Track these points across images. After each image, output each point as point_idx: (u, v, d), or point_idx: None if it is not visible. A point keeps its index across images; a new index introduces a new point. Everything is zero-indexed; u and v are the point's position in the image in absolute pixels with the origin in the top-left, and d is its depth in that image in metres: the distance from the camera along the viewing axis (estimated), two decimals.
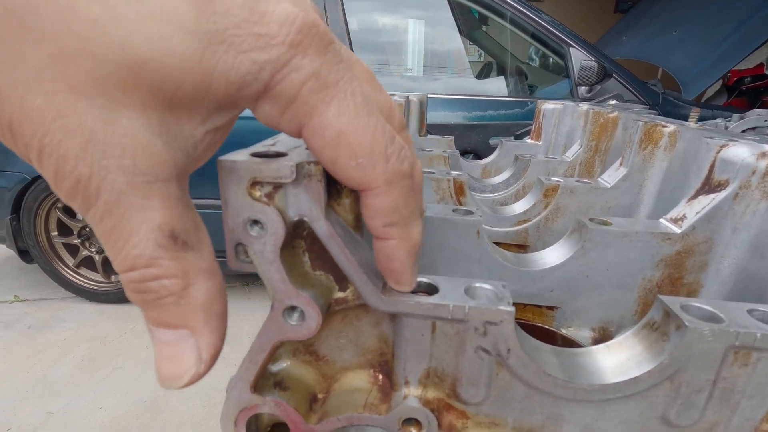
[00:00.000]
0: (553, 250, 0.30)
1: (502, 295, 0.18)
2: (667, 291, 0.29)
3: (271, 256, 0.17)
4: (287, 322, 0.18)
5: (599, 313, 0.30)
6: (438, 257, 0.30)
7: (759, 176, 0.26)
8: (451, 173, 0.40)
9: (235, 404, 0.20)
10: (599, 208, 0.39)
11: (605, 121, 0.47)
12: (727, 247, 0.27)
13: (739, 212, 0.26)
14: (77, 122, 0.11)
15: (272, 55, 0.12)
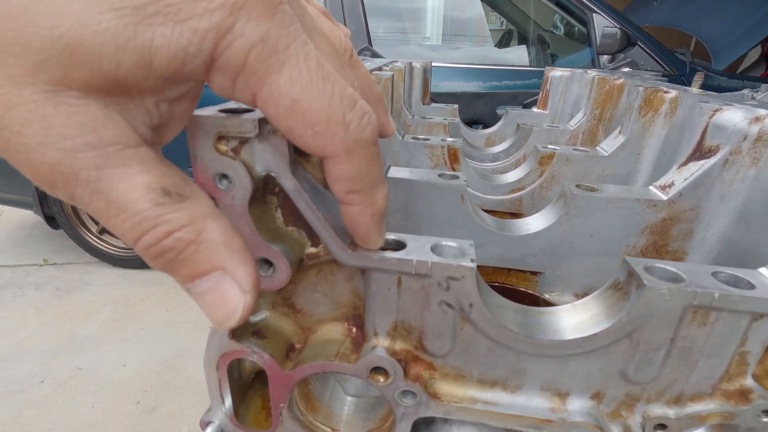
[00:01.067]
0: (538, 216, 0.30)
1: (466, 252, 0.19)
2: (652, 249, 0.29)
3: (240, 210, 0.17)
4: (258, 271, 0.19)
5: (583, 279, 0.30)
6: (423, 221, 0.30)
7: (750, 142, 0.25)
8: (446, 140, 0.40)
9: (215, 350, 0.22)
10: (596, 177, 0.39)
11: (611, 89, 0.46)
12: (714, 216, 0.27)
13: (728, 179, 0.26)
14: (27, 110, 0.11)
15: (213, 22, 0.12)
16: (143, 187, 0.13)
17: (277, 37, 0.13)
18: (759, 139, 0.25)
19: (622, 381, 0.20)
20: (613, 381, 0.20)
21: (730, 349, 0.18)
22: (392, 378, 0.21)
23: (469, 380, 0.21)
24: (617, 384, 0.20)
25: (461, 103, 0.66)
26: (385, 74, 0.47)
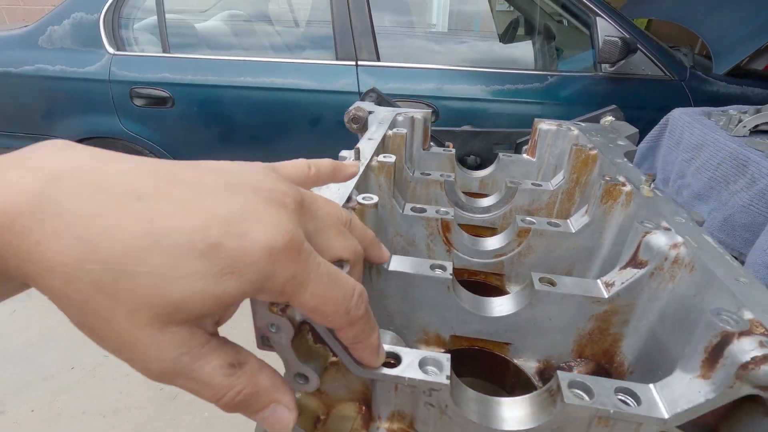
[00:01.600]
0: (509, 299, 0.38)
1: (444, 368, 0.27)
2: (597, 339, 0.37)
3: (286, 345, 0.25)
4: (296, 382, 0.27)
5: (543, 350, 0.38)
6: (418, 303, 0.38)
7: (669, 262, 0.32)
8: (440, 212, 0.47)
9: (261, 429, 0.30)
10: (565, 248, 0.46)
11: (586, 158, 0.52)
12: (643, 312, 0.34)
13: (653, 287, 0.33)
14: (148, 339, 0.18)
15: (261, 274, 0.19)
16: (217, 368, 0.20)
17: (301, 272, 0.20)
18: (675, 261, 0.32)
19: None
20: None
21: None
22: None
23: None
24: None
25: (458, 141, 0.73)
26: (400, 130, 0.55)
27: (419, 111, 0.66)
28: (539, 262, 0.47)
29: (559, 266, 0.47)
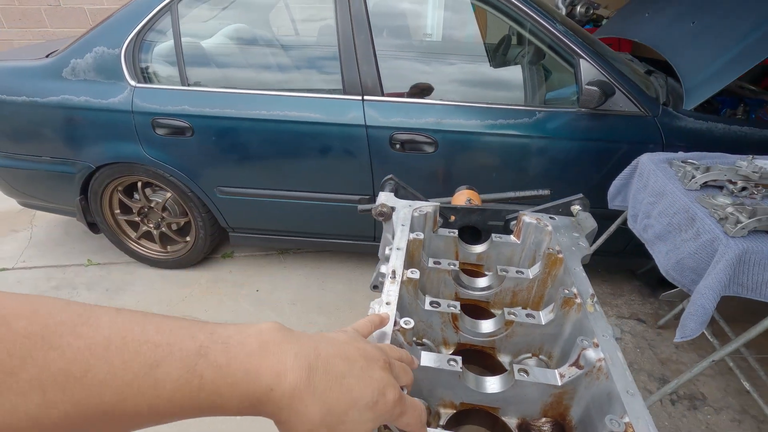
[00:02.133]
0: (498, 381, 0.58)
1: None
2: (555, 406, 0.57)
3: None
4: None
5: (520, 412, 0.59)
6: (438, 383, 0.58)
7: (596, 369, 0.52)
8: (450, 306, 0.67)
9: None
10: (537, 334, 0.66)
11: (555, 259, 0.72)
12: (581, 395, 0.55)
13: (587, 382, 0.54)
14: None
15: (392, 414, 0.38)
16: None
17: (402, 407, 0.39)
18: (598, 369, 0.52)
19: None
20: None
21: None
22: None
23: None
24: None
25: (459, 215, 0.92)
26: (418, 235, 0.74)
27: (430, 205, 0.85)
28: (520, 341, 0.68)
29: (533, 345, 0.67)
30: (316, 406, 0.32)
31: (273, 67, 2.09)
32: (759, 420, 1.61)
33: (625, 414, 0.45)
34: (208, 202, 2.13)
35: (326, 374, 0.34)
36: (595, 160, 1.83)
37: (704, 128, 1.79)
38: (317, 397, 0.33)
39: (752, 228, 1.02)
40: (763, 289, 1.02)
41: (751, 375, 1.68)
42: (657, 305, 2.18)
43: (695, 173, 1.24)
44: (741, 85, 2.63)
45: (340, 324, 2.05)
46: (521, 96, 2.03)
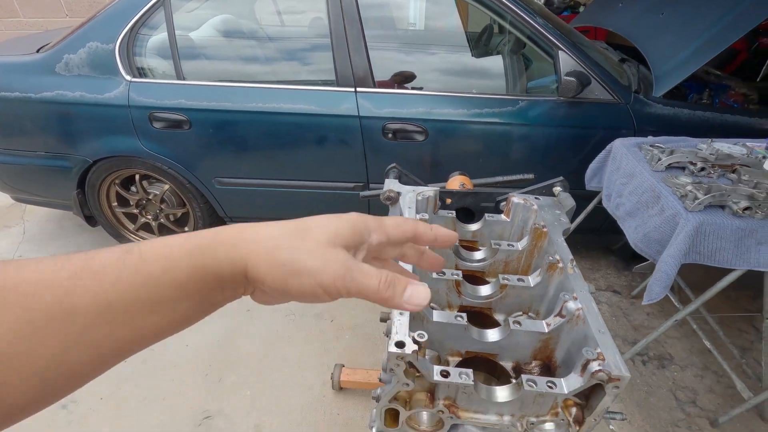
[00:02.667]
0: (496, 332, 0.71)
1: (471, 376, 0.58)
2: (542, 351, 0.70)
3: (400, 374, 0.57)
4: (404, 385, 0.59)
5: (514, 357, 0.72)
6: (447, 335, 0.71)
7: (575, 317, 0.65)
8: (453, 274, 0.79)
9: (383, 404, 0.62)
10: (527, 295, 0.79)
11: (540, 233, 0.85)
12: (564, 339, 0.68)
13: (568, 328, 0.67)
14: (334, 258, 0.29)
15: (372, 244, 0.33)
16: (370, 266, 0.30)
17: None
18: (577, 317, 0.65)
19: (519, 414, 0.61)
20: (516, 414, 0.61)
21: (550, 400, 0.60)
22: (443, 411, 0.61)
23: (465, 411, 0.62)
24: (517, 415, 0.61)
25: (455, 198, 1.03)
26: (423, 215, 0.85)
27: (431, 189, 0.97)
28: (513, 302, 0.80)
29: (524, 305, 0.80)
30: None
31: (267, 60, 2.15)
32: (718, 375, 1.81)
33: (597, 346, 0.58)
34: (206, 192, 2.20)
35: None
36: (574, 146, 1.97)
37: (671, 114, 1.94)
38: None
39: (707, 203, 1.17)
40: (717, 255, 1.17)
41: (712, 336, 1.87)
42: (630, 277, 2.36)
43: (661, 156, 1.38)
44: (707, 70, 2.81)
45: (339, 305, 2.17)
46: (503, 85, 2.15)
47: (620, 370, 0.56)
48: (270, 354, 1.88)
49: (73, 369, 0.24)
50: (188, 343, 1.93)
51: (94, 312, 0.24)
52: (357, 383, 1.68)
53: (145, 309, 0.26)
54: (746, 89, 2.39)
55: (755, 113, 2.01)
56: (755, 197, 1.14)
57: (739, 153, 1.37)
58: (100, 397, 1.71)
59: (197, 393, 1.73)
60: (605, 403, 0.59)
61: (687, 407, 1.69)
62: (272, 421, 1.61)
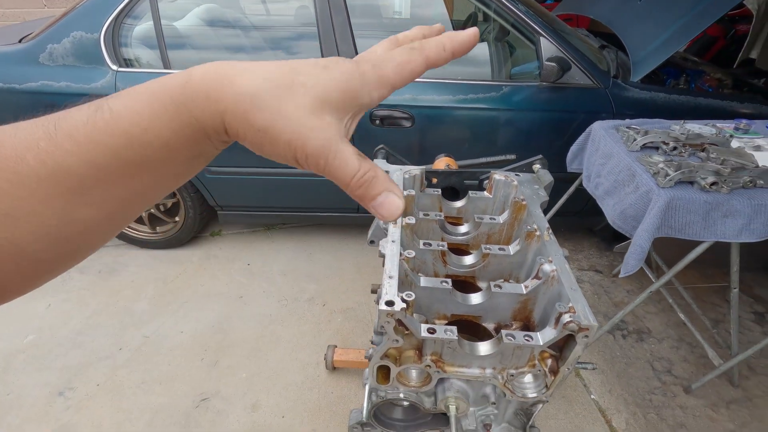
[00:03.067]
0: (479, 295, 0.76)
1: (455, 332, 0.64)
2: (521, 311, 0.76)
3: (391, 331, 0.62)
4: (394, 341, 0.64)
5: (496, 318, 0.78)
6: (434, 299, 0.76)
7: (550, 278, 0.71)
8: (439, 245, 0.85)
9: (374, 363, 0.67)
10: (507, 263, 0.85)
11: (520, 206, 0.91)
12: (540, 299, 0.74)
13: (544, 289, 0.73)
14: (318, 127, 0.25)
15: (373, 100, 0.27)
16: (353, 152, 0.26)
17: None
18: (552, 278, 0.71)
19: (499, 366, 0.67)
20: (497, 367, 0.67)
21: (528, 353, 0.66)
22: (430, 366, 0.67)
23: (450, 365, 0.68)
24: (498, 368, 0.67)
25: (440, 177, 1.08)
26: (410, 192, 0.90)
27: (417, 169, 1.02)
28: (494, 270, 0.86)
29: (504, 272, 0.86)
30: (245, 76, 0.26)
31: (253, 49, 2.16)
32: (692, 345, 1.91)
33: (569, 301, 0.64)
34: (196, 182, 2.21)
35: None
36: (555, 130, 2.04)
37: (648, 98, 2.02)
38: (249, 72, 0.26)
39: (678, 179, 1.24)
40: (686, 229, 1.25)
41: (688, 310, 1.97)
42: (612, 257, 2.45)
43: (636, 137, 1.45)
44: (685, 57, 2.90)
45: (330, 290, 2.22)
46: (488, 71, 2.20)
47: (589, 321, 0.62)
48: (264, 337, 1.93)
49: (86, 225, 0.25)
50: (183, 330, 1.97)
51: (80, 173, 0.23)
52: (350, 362, 1.74)
53: (131, 170, 0.25)
54: (721, 75, 2.48)
55: (727, 97, 2.09)
56: (721, 173, 1.22)
57: (708, 133, 1.44)
58: (96, 383, 1.74)
59: (194, 376, 1.77)
60: (576, 352, 0.65)
61: (663, 376, 1.79)
62: (269, 400, 1.66)
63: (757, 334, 1.97)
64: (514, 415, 0.79)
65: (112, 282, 2.25)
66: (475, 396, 0.75)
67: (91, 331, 1.96)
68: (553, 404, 1.66)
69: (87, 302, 2.12)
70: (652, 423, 1.61)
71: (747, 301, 2.15)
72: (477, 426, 0.76)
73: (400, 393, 0.74)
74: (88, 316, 2.04)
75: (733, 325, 1.60)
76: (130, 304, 2.11)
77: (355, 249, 2.52)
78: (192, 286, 2.23)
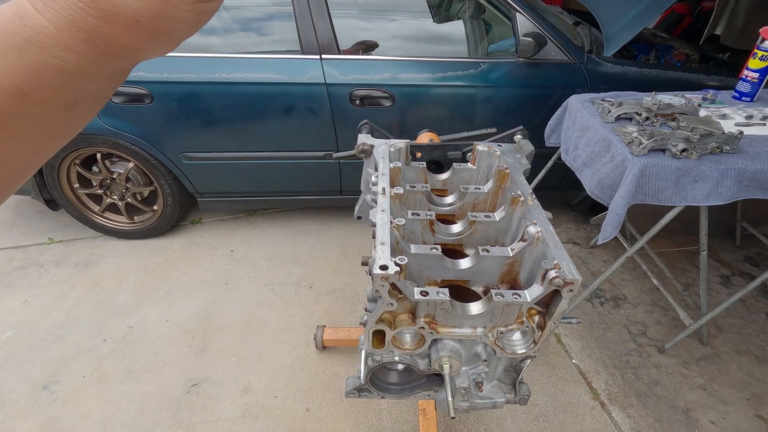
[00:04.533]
0: (468, 260, 0.79)
1: (447, 294, 0.66)
2: (508, 273, 0.79)
3: (385, 295, 0.63)
4: (389, 305, 0.66)
5: (484, 281, 0.80)
6: (425, 267, 0.78)
7: (535, 240, 0.74)
8: (427, 214, 0.86)
9: (369, 330, 0.68)
10: (493, 229, 0.87)
11: (504, 174, 0.93)
12: (527, 260, 0.76)
13: (529, 250, 0.75)
14: None
15: None
16: None
17: None
18: (537, 239, 0.74)
19: (490, 325, 0.70)
20: (488, 326, 0.70)
21: (516, 310, 0.68)
22: (424, 327, 0.69)
23: (443, 326, 0.70)
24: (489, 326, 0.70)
25: (424, 151, 1.10)
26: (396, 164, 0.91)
27: (402, 142, 1.03)
28: (481, 236, 0.88)
29: (490, 238, 0.89)
30: None
31: (229, 30, 2.10)
32: (665, 309, 2.01)
33: (554, 258, 0.67)
34: (174, 168, 2.16)
35: None
36: (533, 105, 2.07)
37: (621, 72, 2.07)
38: None
39: (650, 147, 1.29)
40: (659, 194, 1.30)
41: (660, 276, 2.07)
42: (589, 230, 2.54)
43: (611, 108, 1.49)
44: (654, 33, 2.97)
45: (317, 272, 2.22)
46: (466, 49, 2.20)
47: (573, 275, 0.65)
48: (252, 321, 1.93)
49: None
50: (168, 318, 1.94)
51: None
52: (339, 341, 1.76)
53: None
54: (688, 50, 2.55)
55: (694, 70, 2.16)
56: (690, 140, 1.27)
57: (678, 103, 1.49)
58: (81, 375, 1.71)
59: (183, 363, 1.76)
60: (562, 306, 0.68)
61: (638, 339, 1.88)
62: (260, 382, 1.67)
63: (724, 295, 2.08)
64: (504, 372, 0.83)
65: (90, 274, 2.20)
66: (467, 355, 0.78)
67: (73, 323, 1.92)
68: (536, 370, 1.73)
69: (66, 295, 2.07)
70: (629, 382, 1.70)
71: (714, 266, 2.27)
72: (469, 384, 0.79)
73: (395, 356, 0.76)
74: (68, 309, 1.99)
75: (702, 285, 1.69)
76: (111, 295, 2.07)
77: (340, 231, 2.52)
78: (175, 274, 2.20)
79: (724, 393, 1.66)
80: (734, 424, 1.56)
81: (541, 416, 1.58)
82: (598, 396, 1.65)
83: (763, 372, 1.74)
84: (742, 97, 1.72)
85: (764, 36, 1.57)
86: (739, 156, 1.29)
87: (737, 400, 1.64)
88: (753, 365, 1.77)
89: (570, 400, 1.64)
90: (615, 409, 1.61)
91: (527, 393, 0.84)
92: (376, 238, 0.71)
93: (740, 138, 1.29)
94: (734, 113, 1.56)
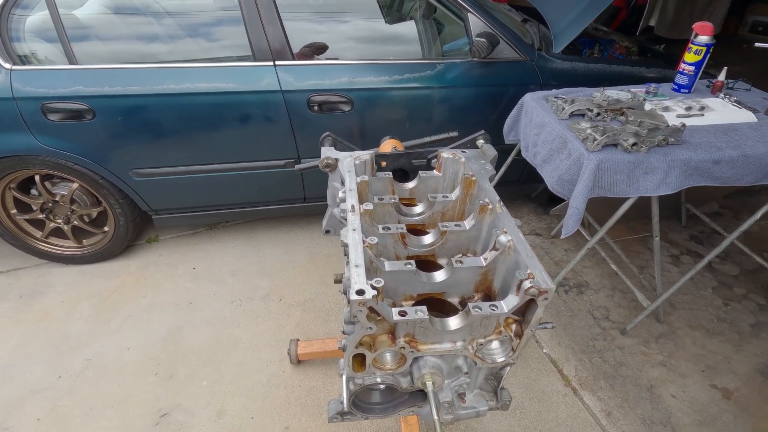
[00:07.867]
0: (441, 273, 0.78)
1: (425, 312, 0.65)
2: (482, 283, 0.79)
3: (363, 320, 0.62)
4: (368, 329, 0.64)
5: (459, 292, 0.80)
6: (400, 282, 0.77)
7: (507, 248, 0.75)
8: (398, 228, 0.85)
9: (349, 354, 0.66)
10: (464, 237, 0.88)
11: (470, 182, 0.94)
12: (500, 269, 0.77)
13: (502, 259, 0.76)
14: None
15: None
16: None
17: None
18: (509, 248, 0.75)
19: (469, 338, 0.70)
20: (467, 339, 0.70)
21: (494, 322, 0.69)
22: (405, 347, 0.68)
23: (423, 344, 0.70)
24: (468, 339, 0.70)
25: (389, 160, 1.09)
26: (363, 178, 0.89)
27: (367, 153, 1.01)
28: (452, 245, 0.89)
29: (462, 247, 0.89)
30: None
31: (174, 38, 1.99)
32: (624, 292, 2.12)
33: (528, 268, 0.68)
34: (124, 186, 2.04)
35: None
36: (490, 103, 2.11)
37: (570, 67, 2.15)
38: None
39: (604, 143, 1.34)
40: (614, 187, 1.36)
41: (618, 261, 2.17)
42: (549, 220, 2.63)
43: (564, 106, 1.55)
44: (596, 27, 3.10)
45: (285, 284, 2.17)
46: (419, 49, 2.21)
47: (547, 284, 0.66)
48: (221, 341, 1.86)
49: None
50: (129, 346, 1.83)
51: None
52: (314, 354, 1.73)
53: None
54: (628, 42, 2.69)
55: (636, 63, 2.28)
56: (639, 134, 1.34)
57: (625, 98, 1.57)
58: (36, 418, 1.58)
59: (149, 393, 1.67)
60: (538, 314, 0.69)
61: (602, 323, 1.97)
62: (235, 404, 1.61)
63: (675, 274, 2.22)
64: (485, 381, 0.83)
65: (37, 305, 2.03)
66: (448, 368, 0.78)
67: (21, 362, 1.77)
68: None
69: (10, 331, 1.90)
70: (596, 366, 1.78)
71: (664, 246, 2.42)
72: (453, 397, 0.80)
73: (377, 377, 0.75)
74: (15, 347, 1.83)
75: (657, 269, 1.79)
76: (63, 326, 1.92)
77: (306, 239, 2.47)
78: (133, 298, 2.08)
79: (682, 367, 1.77)
80: (693, 395, 1.67)
81: (518, 408, 1.62)
82: (570, 382, 1.72)
83: (714, 344, 1.88)
84: (680, 89, 1.83)
85: (697, 31, 1.68)
86: (683, 147, 1.37)
87: (694, 373, 1.75)
88: (705, 338, 1.90)
89: (544, 389, 1.69)
90: (586, 393, 1.67)
91: (508, 399, 0.85)
92: (349, 259, 0.69)
93: (683, 130, 1.37)
94: (675, 105, 1.66)
